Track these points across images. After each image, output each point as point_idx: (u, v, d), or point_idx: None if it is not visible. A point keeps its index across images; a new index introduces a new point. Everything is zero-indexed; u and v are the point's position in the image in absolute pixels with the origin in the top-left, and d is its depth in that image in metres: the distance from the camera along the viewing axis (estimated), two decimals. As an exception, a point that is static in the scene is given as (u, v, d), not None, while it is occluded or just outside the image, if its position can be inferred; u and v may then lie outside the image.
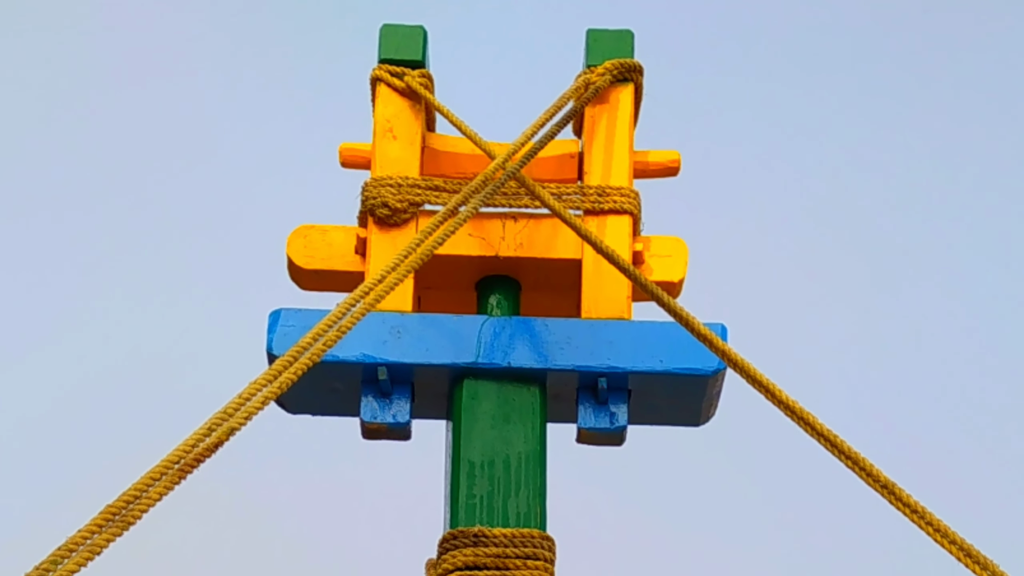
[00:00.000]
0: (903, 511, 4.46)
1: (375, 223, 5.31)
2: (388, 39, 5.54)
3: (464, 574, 4.84)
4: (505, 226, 5.42)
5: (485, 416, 5.09)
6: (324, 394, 5.21)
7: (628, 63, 5.53)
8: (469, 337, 5.14)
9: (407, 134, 5.47)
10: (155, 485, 3.88)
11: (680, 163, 5.69)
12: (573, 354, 5.13)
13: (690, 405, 5.32)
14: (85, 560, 3.71)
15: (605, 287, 5.30)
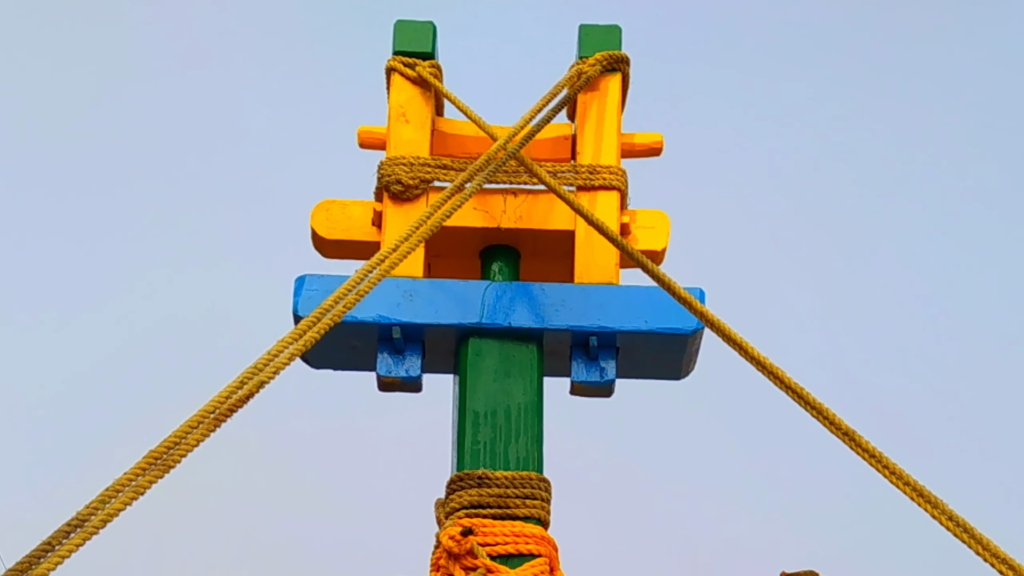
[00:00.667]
0: (862, 455, 4.48)
1: (390, 198, 5.34)
2: (401, 33, 5.56)
3: (469, 512, 4.87)
4: (506, 201, 5.44)
5: (488, 371, 5.12)
6: (344, 351, 5.24)
7: (616, 55, 5.55)
8: (474, 300, 5.17)
9: (418, 118, 5.49)
10: (193, 432, 3.90)
11: (663, 144, 5.72)
12: (567, 315, 5.16)
13: (672, 361, 5.35)
14: (131, 499, 3.72)
15: (596, 255, 5.32)
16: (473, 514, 4.87)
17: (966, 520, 4.32)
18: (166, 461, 3.82)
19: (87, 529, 3.61)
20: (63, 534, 3.59)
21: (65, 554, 3.57)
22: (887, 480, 4.41)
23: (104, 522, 3.64)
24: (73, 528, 3.60)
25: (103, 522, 3.64)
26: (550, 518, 4.97)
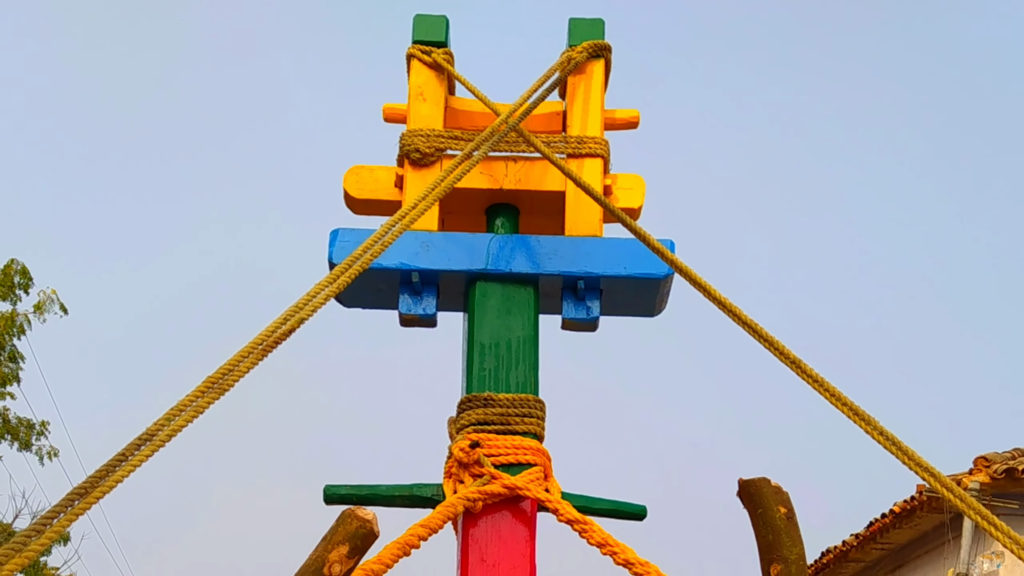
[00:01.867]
0: (807, 381, 4.49)
1: (410, 164, 5.38)
2: (419, 25, 5.59)
3: (477, 428, 4.92)
4: (507, 166, 5.47)
5: (492, 309, 5.15)
6: (371, 292, 5.28)
7: (600, 44, 5.58)
8: (480, 250, 5.20)
9: (434, 97, 5.52)
10: (244, 361, 3.91)
11: (639, 119, 5.75)
12: (559, 263, 5.19)
13: (647, 301, 5.38)
14: (191, 418, 3.74)
15: (583, 212, 5.34)
16: (480, 430, 4.92)
17: (894, 434, 4.33)
18: (221, 385, 3.83)
19: (154, 443, 3.63)
20: (134, 447, 3.60)
21: (136, 464, 3.59)
22: (828, 402, 4.42)
23: (169, 437, 3.66)
24: (143, 442, 3.62)
25: (168, 437, 3.66)
26: (544, 433, 5.01)
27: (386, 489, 4.99)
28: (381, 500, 4.96)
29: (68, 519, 3.46)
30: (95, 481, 3.54)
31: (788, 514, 4.52)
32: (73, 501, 3.49)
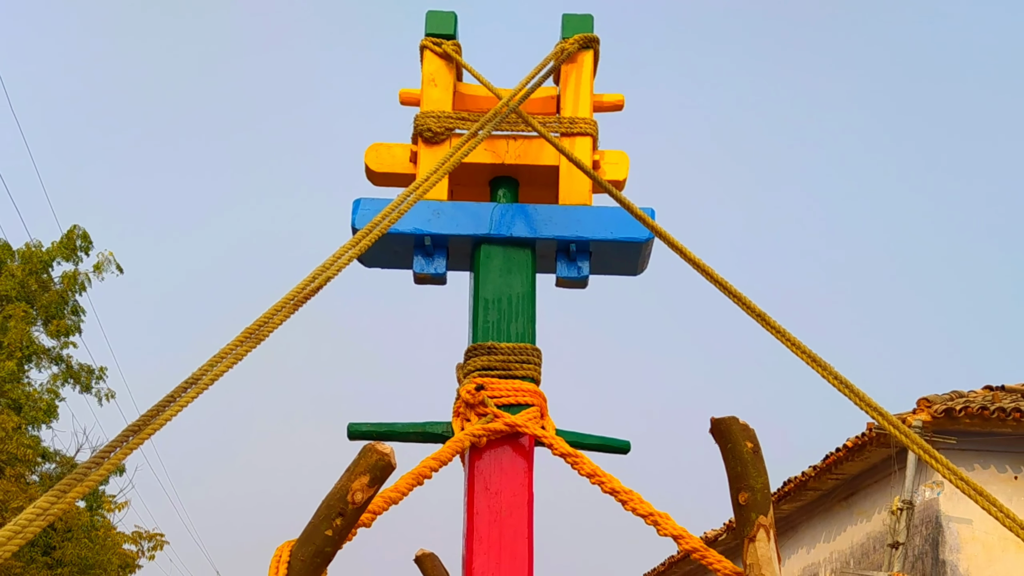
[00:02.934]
0: (772, 332, 4.49)
1: (423, 141, 5.38)
2: (431, 20, 5.59)
3: (481, 373, 4.94)
4: (508, 144, 5.47)
5: (495, 269, 5.16)
6: (389, 254, 5.29)
7: (589, 36, 5.58)
8: (484, 217, 5.21)
9: (444, 83, 5.52)
10: (277, 314, 3.91)
11: (624, 102, 5.75)
12: (553, 228, 5.20)
13: (630, 262, 5.38)
14: (231, 364, 3.74)
15: (575, 184, 5.35)
16: (484, 374, 4.94)
17: (847, 378, 4.33)
18: (257, 336, 3.83)
19: (199, 386, 3.63)
20: (181, 390, 3.60)
21: (183, 404, 3.59)
22: (790, 350, 4.43)
23: (212, 381, 3.66)
24: (189, 385, 3.62)
25: (211, 381, 3.65)
26: (541, 377, 5.02)
27: (402, 426, 5.01)
28: (398, 436, 4.98)
29: (123, 453, 3.47)
30: (147, 420, 3.54)
31: (754, 448, 4.52)
32: (128, 437, 3.50)
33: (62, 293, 32.47)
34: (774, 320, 4.50)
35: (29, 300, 31.68)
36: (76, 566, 31.92)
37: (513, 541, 4.76)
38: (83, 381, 33.74)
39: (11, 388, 29.83)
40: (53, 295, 32.25)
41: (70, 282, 32.61)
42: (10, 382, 29.79)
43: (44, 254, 32.16)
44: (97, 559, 32.43)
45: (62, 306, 32.50)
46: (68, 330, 32.84)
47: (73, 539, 32.08)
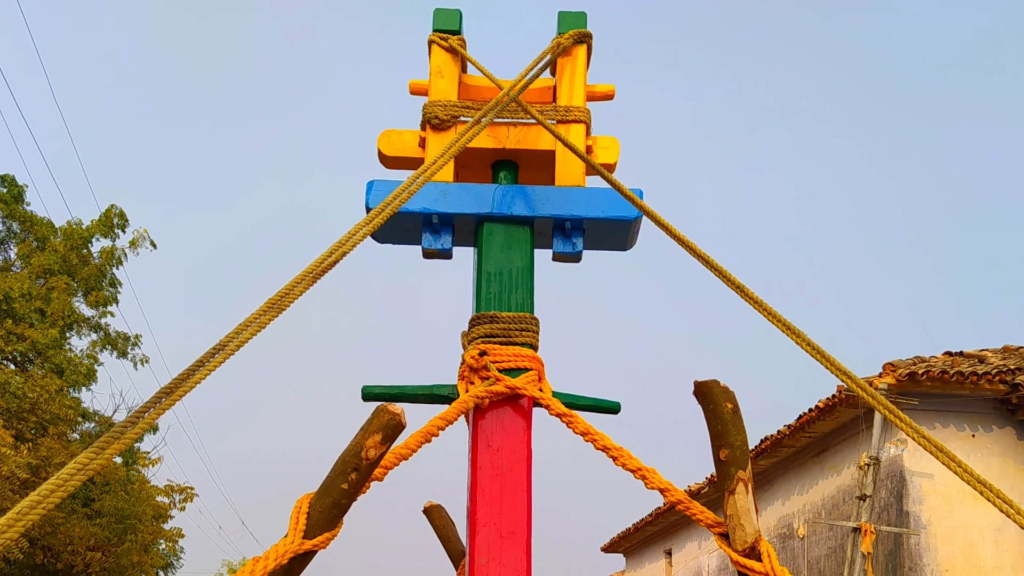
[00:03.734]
0: (749, 302, 4.49)
1: (431, 128, 5.38)
2: (438, 17, 5.59)
3: (484, 339, 4.95)
4: (509, 130, 5.47)
5: (497, 244, 5.16)
6: (400, 231, 5.29)
7: (583, 32, 5.57)
8: (487, 197, 5.21)
9: (450, 74, 5.52)
10: (298, 286, 3.92)
11: (614, 92, 5.74)
12: (550, 207, 5.20)
13: (620, 238, 5.38)
14: (256, 332, 3.75)
15: (570, 167, 5.34)
16: (487, 341, 4.95)
17: (819, 344, 4.33)
18: (280, 305, 3.83)
19: (226, 352, 3.63)
20: (210, 355, 3.61)
21: (211, 369, 3.59)
22: (766, 319, 4.43)
23: (238, 347, 3.66)
24: (217, 351, 3.62)
25: (237, 347, 3.66)
26: (538, 344, 5.02)
27: (412, 389, 5.02)
28: (407, 398, 4.98)
29: (156, 413, 3.47)
30: (178, 382, 3.54)
31: (734, 409, 4.53)
32: (160, 399, 3.50)
33: (101, 267, 32.62)
34: (752, 291, 4.50)
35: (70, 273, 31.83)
36: (113, 516, 32.07)
37: (513, 494, 4.77)
38: (120, 347, 33.95)
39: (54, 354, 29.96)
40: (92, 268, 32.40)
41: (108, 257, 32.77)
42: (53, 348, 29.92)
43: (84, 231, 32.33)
44: (133, 510, 32.59)
45: (101, 279, 32.65)
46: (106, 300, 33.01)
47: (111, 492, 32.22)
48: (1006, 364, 21.55)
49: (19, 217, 32.61)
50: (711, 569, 31.43)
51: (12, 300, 28.86)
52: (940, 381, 20.69)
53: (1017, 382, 20.76)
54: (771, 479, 26.98)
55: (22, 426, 26.42)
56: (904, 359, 21.28)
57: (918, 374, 20.57)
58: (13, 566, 31.95)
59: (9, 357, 29.57)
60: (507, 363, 4.89)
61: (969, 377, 20.69)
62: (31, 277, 30.93)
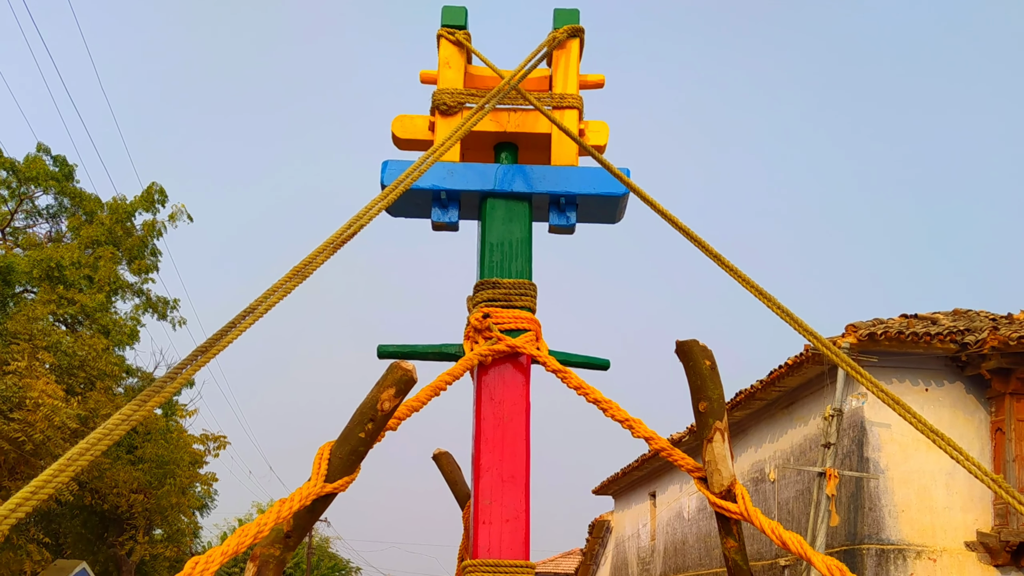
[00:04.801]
0: (726, 269, 4.48)
1: (439, 113, 5.36)
2: (446, 14, 5.56)
3: (487, 303, 4.96)
4: (510, 115, 5.46)
5: (498, 218, 5.16)
6: (411, 206, 5.28)
7: (576, 27, 5.55)
8: (490, 175, 5.20)
9: (457, 65, 5.50)
10: (320, 255, 3.92)
11: (604, 81, 5.72)
12: (547, 184, 5.19)
13: (610, 212, 5.38)
14: (282, 296, 3.74)
15: (564, 148, 5.33)
16: (489, 305, 4.95)
17: (788, 308, 4.33)
18: (303, 272, 3.83)
19: (255, 314, 3.63)
20: (241, 317, 3.61)
21: (243, 329, 3.59)
22: (741, 285, 4.42)
23: (266, 310, 3.67)
24: (247, 313, 3.62)
25: (266, 310, 3.66)
26: (536, 307, 5.02)
27: (422, 347, 5.03)
28: (419, 355, 4.99)
29: (193, 369, 3.47)
30: (212, 342, 3.55)
31: (711, 366, 4.54)
32: (196, 357, 3.50)
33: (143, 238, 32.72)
34: (728, 260, 4.49)
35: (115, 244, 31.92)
36: (154, 462, 32.19)
37: (514, 442, 4.78)
38: (160, 310, 34.06)
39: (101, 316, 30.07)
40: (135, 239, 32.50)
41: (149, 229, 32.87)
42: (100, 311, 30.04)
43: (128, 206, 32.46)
44: (171, 457, 32.72)
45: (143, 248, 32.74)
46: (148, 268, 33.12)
47: (152, 440, 32.34)
48: (956, 325, 21.60)
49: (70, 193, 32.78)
50: (691, 510, 31.51)
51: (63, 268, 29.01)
52: (897, 341, 20.73)
53: (966, 342, 20.81)
54: (745, 429, 27.03)
55: (72, 381, 26.50)
56: (864, 321, 21.31)
57: (877, 334, 20.60)
58: (65, 507, 32.13)
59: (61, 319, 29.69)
60: (508, 324, 4.90)
61: (923, 337, 20.73)
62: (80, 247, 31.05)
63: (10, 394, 23.25)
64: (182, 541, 36.23)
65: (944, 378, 21.44)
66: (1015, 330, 20.89)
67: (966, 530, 20.99)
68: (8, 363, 23.84)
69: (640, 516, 37.55)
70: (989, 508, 20.96)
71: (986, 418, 21.26)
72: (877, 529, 20.79)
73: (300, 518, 4.23)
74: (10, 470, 25.24)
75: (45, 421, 23.39)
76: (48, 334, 25.84)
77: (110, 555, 34.84)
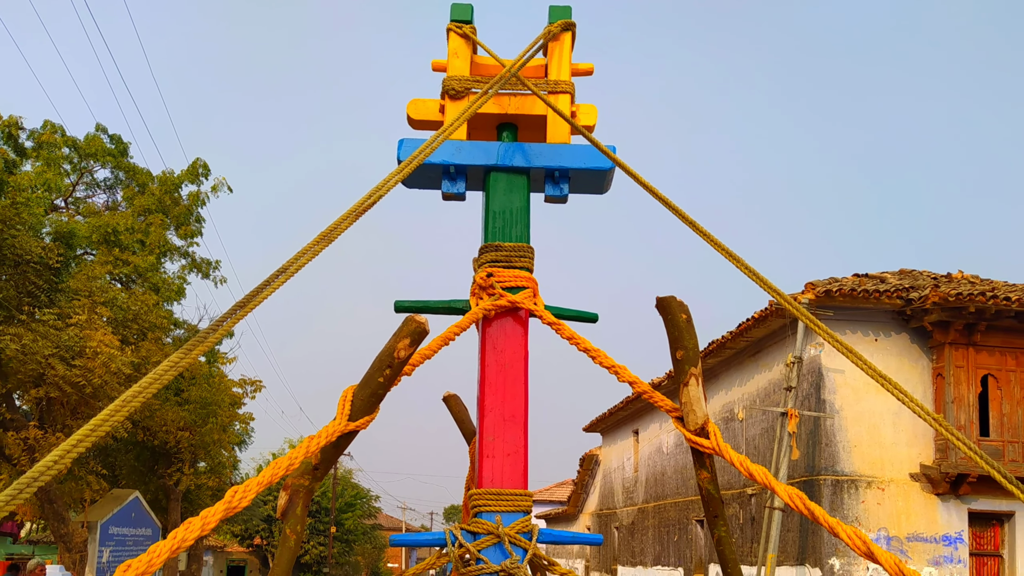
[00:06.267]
0: (700, 235, 4.48)
1: (448, 97, 5.34)
2: (454, 10, 5.54)
3: (491, 264, 4.95)
4: (510, 99, 5.44)
5: (500, 189, 5.15)
6: (424, 178, 5.27)
7: (568, 21, 5.52)
8: (492, 152, 5.19)
9: (464, 55, 5.48)
10: (344, 221, 3.91)
11: (593, 69, 5.70)
12: (543, 160, 5.18)
13: (598, 184, 5.36)
14: (310, 259, 3.74)
15: (558, 128, 5.32)
16: (492, 265, 4.95)
17: (756, 268, 4.33)
18: (329, 237, 3.83)
19: (287, 273, 3.63)
20: (274, 276, 3.61)
21: (276, 287, 3.59)
22: (714, 248, 4.42)
23: (297, 269, 3.66)
24: (279, 273, 3.62)
25: (296, 270, 3.66)
26: (533, 267, 5.02)
27: (434, 303, 5.03)
28: (430, 310, 4.99)
29: (232, 322, 3.48)
30: (249, 298, 3.55)
31: (687, 319, 4.54)
32: (235, 311, 3.50)
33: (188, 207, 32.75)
34: (702, 226, 4.49)
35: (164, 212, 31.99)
36: (198, 403, 32.27)
37: (514, 386, 4.80)
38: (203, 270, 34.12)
39: (151, 275, 30.18)
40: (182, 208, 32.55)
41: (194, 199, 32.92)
42: (151, 271, 30.16)
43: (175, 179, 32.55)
44: (214, 398, 32.82)
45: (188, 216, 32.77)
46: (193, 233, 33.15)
47: (196, 384, 32.40)
48: (902, 284, 21.66)
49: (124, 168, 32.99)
50: (669, 445, 31.62)
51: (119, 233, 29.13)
52: (850, 297, 20.77)
53: (911, 298, 20.85)
54: (717, 374, 27.10)
55: (126, 332, 26.57)
56: (821, 279, 21.34)
57: (832, 291, 20.65)
58: (120, 442, 32.27)
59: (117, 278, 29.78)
60: (509, 283, 4.90)
61: (873, 294, 20.78)
62: (134, 215, 31.17)
63: (72, 343, 23.37)
64: (223, 473, 36.38)
65: (891, 330, 21.48)
66: (954, 288, 20.98)
67: (911, 463, 21.09)
68: (71, 316, 23.93)
69: (625, 451, 37.69)
70: (931, 444, 21.04)
71: (928, 365, 21.31)
72: (832, 462, 20.88)
73: (326, 452, 4.24)
74: (72, 410, 25.36)
75: (103, 367, 23.49)
76: (105, 291, 25.90)
77: (160, 485, 34.99)
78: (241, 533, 68.84)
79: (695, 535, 28.44)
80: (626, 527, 36.39)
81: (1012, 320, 20.65)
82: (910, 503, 20.89)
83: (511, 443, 4.74)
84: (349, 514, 77.84)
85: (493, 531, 4.59)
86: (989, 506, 21.08)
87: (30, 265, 24.56)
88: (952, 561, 20.80)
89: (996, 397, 21.00)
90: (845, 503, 20.68)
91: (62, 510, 28.32)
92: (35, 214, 25.50)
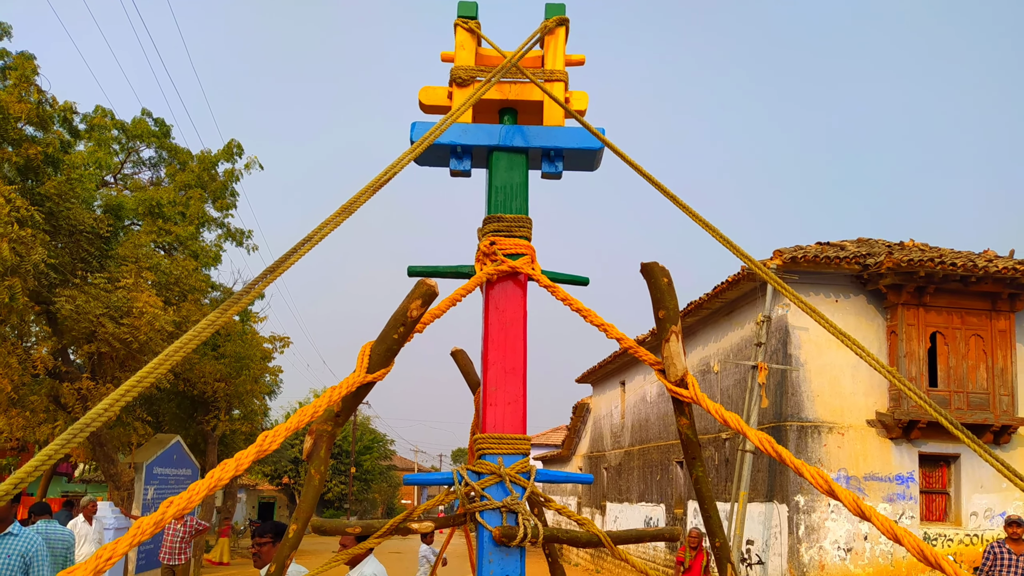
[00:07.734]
0: (680, 207, 4.46)
1: (456, 85, 5.31)
2: (461, 8, 5.49)
3: (493, 233, 4.93)
4: (511, 87, 5.40)
5: (502, 167, 5.12)
6: (434, 157, 5.24)
7: (563, 17, 5.48)
8: (495, 133, 5.16)
9: (469, 47, 5.44)
10: (363, 196, 3.90)
11: (585, 60, 5.65)
12: (540, 140, 5.15)
13: (589, 162, 5.34)
14: (332, 229, 3.73)
15: (553, 112, 5.29)
16: (495, 235, 4.93)
17: (729, 237, 4.32)
18: (349, 209, 3.82)
19: (312, 242, 3.62)
20: (300, 244, 3.60)
21: (303, 254, 3.59)
22: (692, 219, 4.40)
23: (321, 238, 3.66)
24: (305, 241, 3.61)
25: (321, 238, 3.65)
26: (531, 236, 5.01)
27: (443, 268, 5.02)
28: (440, 274, 4.99)
29: (263, 285, 3.48)
30: (279, 263, 3.55)
31: (669, 282, 4.53)
32: (266, 275, 3.50)
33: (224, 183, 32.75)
34: (681, 199, 4.47)
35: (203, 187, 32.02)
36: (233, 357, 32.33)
37: (514, 341, 4.80)
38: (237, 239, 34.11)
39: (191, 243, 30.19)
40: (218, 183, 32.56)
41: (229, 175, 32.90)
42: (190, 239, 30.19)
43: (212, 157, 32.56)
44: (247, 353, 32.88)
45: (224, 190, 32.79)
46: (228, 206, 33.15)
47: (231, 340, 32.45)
48: (860, 251, 21.66)
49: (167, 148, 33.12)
50: (652, 395, 31.67)
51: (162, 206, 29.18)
52: (813, 263, 20.76)
53: (867, 263, 20.87)
54: (695, 331, 27.10)
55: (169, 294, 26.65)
56: (787, 247, 21.33)
57: (798, 257, 20.63)
58: (163, 392, 32.37)
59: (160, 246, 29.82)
60: (510, 250, 4.89)
61: (834, 260, 20.77)
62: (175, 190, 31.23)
63: (120, 304, 23.45)
64: (255, 419, 36.56)
65: (850, 292, 21.48)
66: (906, 255, 21.02)
67: (867, 411, 21.14)
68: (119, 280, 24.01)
69: (613, 400, 37.77)
70: (885, 394, 21.10)
71: (883, 323, 21.33)
72: (798, 410, 20.93)
73: (347, 401, 4.26)
74: (120, 364, 25.47)
75: (148, 326, 23.58)
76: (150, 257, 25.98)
77: (198, 430, 35.14)
78: (271, 473, 69.21)
79: (675, 475, 28.54)
80: (614, 468, 36.51)
81: (958, 283, 20.68)
82: (867, 446, 20.95)
83: (511, 393, 4.75)
84: (367, 456, 78.12)
85: (495, 471, 4.61)
86: (937, 449, 21.16)
87: (83, 234, 24.62)
88: (904, 498, 20.90)
89: (943, 352, 21.04)
90: (809, 446, 20.74)
91: (112, 453, 28.50)
92: (87, 189, 25.55)
